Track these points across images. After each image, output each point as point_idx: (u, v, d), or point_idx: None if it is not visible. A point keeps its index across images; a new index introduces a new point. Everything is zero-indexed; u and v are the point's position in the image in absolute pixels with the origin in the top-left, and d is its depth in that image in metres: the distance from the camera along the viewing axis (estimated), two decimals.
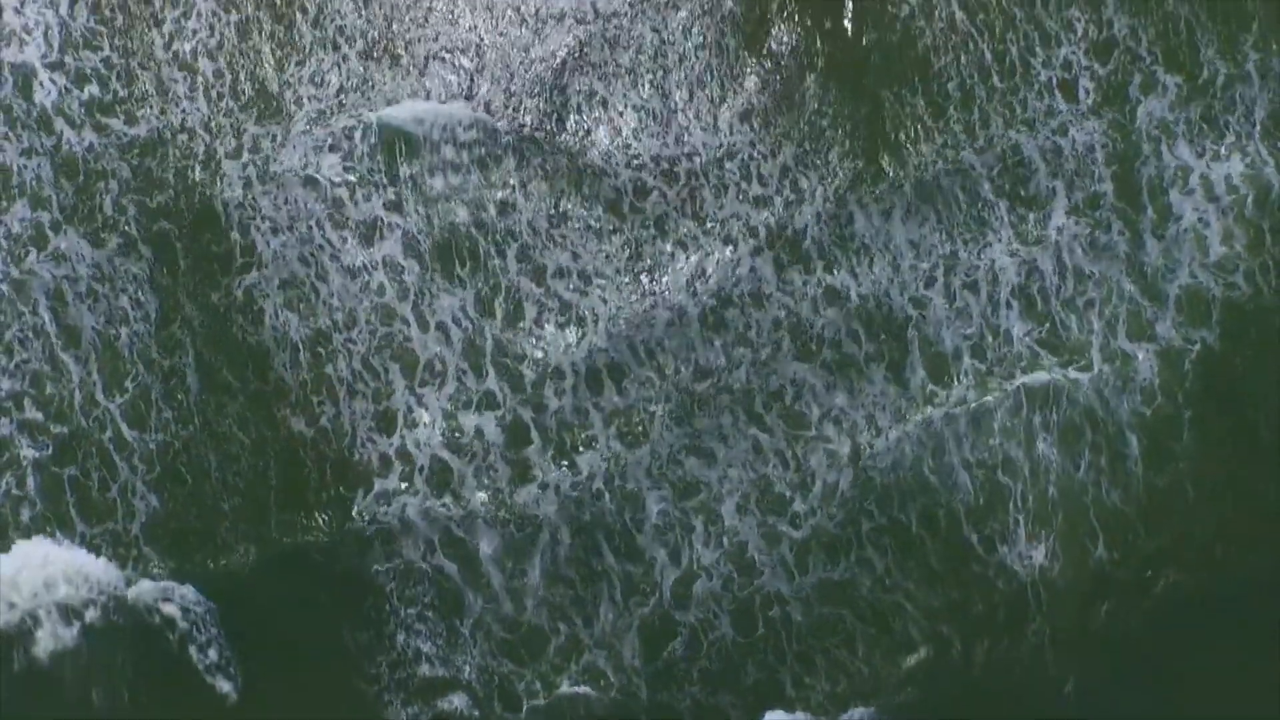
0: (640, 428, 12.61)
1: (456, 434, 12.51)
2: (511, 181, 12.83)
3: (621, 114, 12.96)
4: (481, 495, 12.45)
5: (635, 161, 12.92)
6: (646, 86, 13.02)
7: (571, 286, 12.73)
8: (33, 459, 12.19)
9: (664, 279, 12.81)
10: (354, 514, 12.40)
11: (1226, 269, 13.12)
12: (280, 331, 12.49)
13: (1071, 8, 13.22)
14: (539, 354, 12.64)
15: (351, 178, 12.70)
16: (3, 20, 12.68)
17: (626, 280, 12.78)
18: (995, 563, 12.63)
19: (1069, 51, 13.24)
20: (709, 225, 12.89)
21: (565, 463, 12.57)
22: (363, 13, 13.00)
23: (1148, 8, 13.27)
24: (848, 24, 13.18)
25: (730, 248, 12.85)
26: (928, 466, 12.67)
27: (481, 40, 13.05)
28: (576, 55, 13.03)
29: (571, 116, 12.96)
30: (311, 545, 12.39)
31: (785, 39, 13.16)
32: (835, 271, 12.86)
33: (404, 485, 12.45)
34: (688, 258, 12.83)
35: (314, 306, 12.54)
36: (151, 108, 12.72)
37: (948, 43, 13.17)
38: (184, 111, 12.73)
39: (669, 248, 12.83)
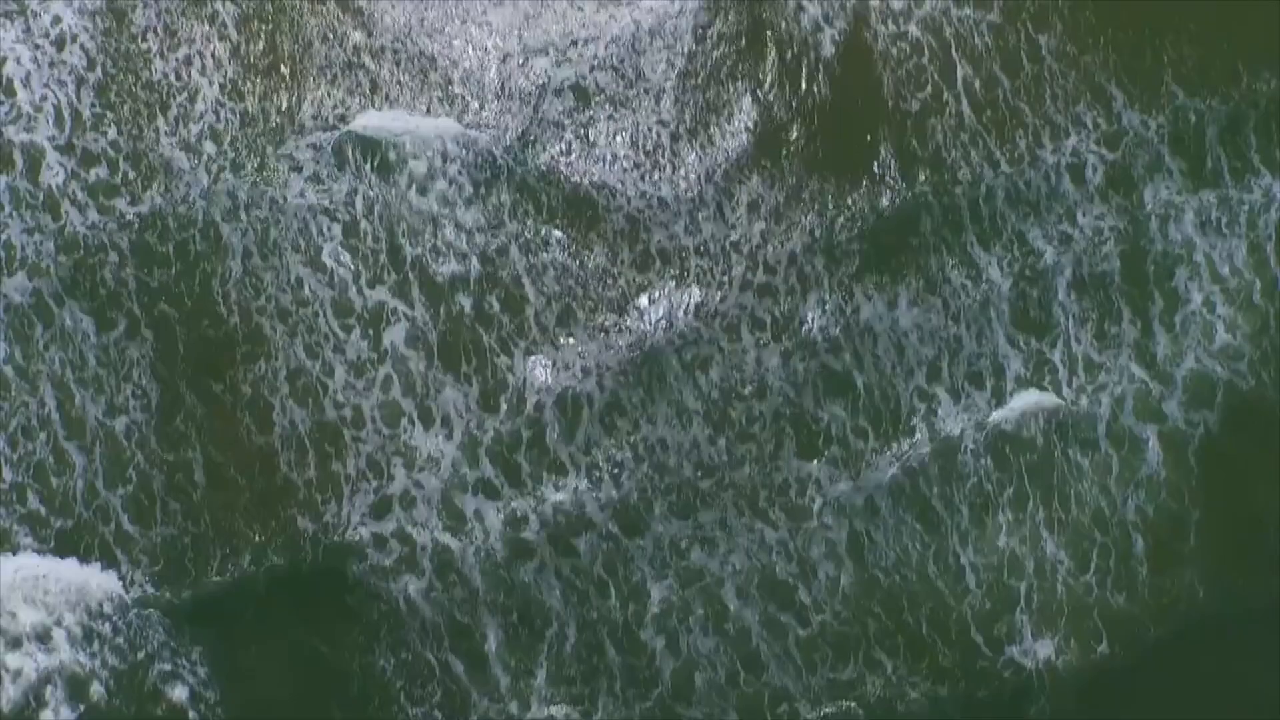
0: (640, 518, 12.60)
1: (455, 519, 12.49)
2: (518, 272, 12.82)
3: (630, 202, 12.95)
4: (481, 565, 12.43)
5: (640, 261, 12.93)
6: (652, 177, 13.02)
7: (572, 377, 12.73)
8: (34, 551, 12.14)
9: (667, 374, 12.81)
10: (357, 594, 12.37)
11: (1231, 357, 13.14)
12: (288, 430, 12.46)
13: (1079, 104, 13.23)
14: (536, 441, 12.63)
15: (351, 243, 12.67)
16: (16, 100, 12.64)
17: (628, 370, 12.77)
18: (1003, 660, 12.69)
19: (1076, 142, 13.25)
20: (714, 318, 12.88)
21: (563, 548, 12.57)
22: (365, 98, 12.99)
23: (1159, 104, 13.30)
24: (855, 119, 13.21)
25: (735, 339, 12.84)
26: (933, 570, 12.69)
27: (481, 132, 13.05)
28: (583, 141, 13.03)
29: (576, 207, 12.98)
30: (315, 631, 12.36)
31: (794, 133, 13.16)
32: (840, 354, 12.86)
33: (405, 565, 12.44)
34: (691, 350, 12.82)
35: (321, 401, 12.53)
36: (157, 186, 12.67)
37: (957, 139, 13.19)
38: (187, 184, 12.68)
39: (674, 341, 12.83)
